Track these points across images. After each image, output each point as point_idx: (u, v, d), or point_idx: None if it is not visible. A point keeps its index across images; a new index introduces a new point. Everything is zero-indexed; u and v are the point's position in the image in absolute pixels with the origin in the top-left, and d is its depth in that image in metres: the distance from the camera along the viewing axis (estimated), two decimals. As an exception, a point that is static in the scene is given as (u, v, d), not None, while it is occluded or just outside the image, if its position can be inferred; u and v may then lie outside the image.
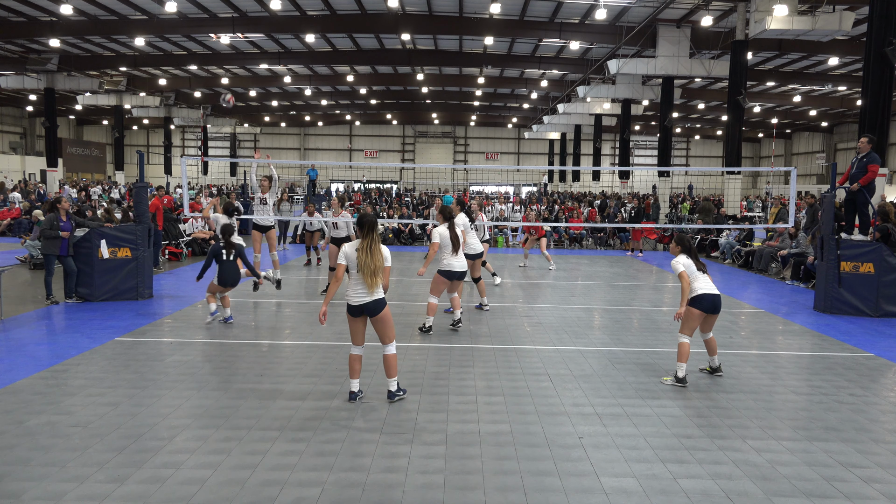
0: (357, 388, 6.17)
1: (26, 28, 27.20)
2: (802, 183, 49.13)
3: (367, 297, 5.93)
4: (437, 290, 9.14)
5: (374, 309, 5.96)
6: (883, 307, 10.76)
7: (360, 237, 6.02)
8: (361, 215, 6.08)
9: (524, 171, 59.19)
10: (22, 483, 4.47)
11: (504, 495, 4.43)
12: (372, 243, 5.93)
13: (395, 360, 6.15)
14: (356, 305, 5.95)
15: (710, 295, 6.84)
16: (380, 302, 5.97)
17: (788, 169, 12.79)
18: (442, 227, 9.16)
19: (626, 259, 18.88)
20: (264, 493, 4.40)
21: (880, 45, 13.56)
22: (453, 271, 9.02)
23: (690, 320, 6.87)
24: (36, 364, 7.20)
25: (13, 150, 49.49)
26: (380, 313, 5.99)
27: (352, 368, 6.14)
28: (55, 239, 10.39)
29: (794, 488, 4.62)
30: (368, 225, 5.97)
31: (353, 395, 6.15)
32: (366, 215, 6.05)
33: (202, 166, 44.80)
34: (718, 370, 7.27)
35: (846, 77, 33.35)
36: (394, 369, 6.15)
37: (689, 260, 6.96)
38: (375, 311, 5.98)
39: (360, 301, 5.94)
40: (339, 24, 26.33)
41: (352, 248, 5.98)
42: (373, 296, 5.94)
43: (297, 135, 62.52)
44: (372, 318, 6.01)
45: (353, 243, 6.03)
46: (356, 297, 5.95)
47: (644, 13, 23.40)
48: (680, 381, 6.89)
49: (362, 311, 5.97)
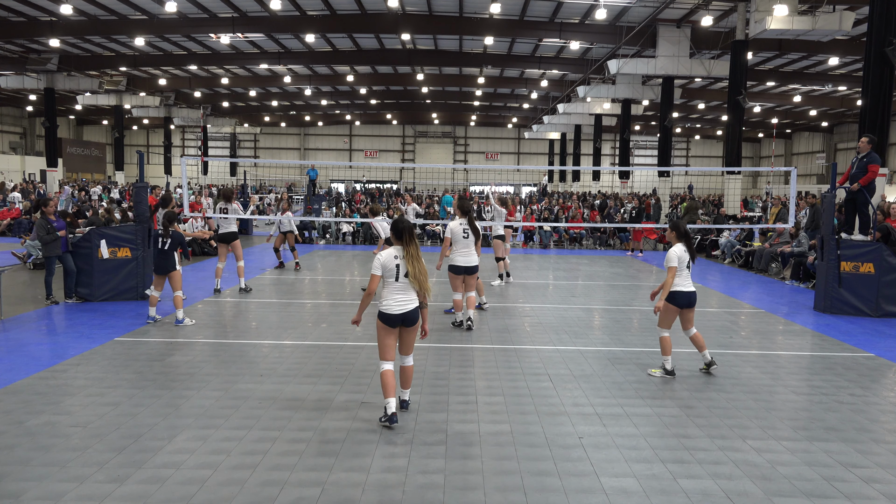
0: (395, 406, 5.56)
1: (26, 28, 27.20)
2: (802, 183, 49.10)
3: (409, 304, 5.60)
4: (454, 286, 9.28)
5: (414, 318, 5.65)
6: (883, 307, 10.76)
7: (398, 244, 5.64)
8: (396, 220, 5.72)
9: (524, 171, 59.19)
10: (22, 483, 4.47)
11: (504, 495, 4.43)
12: (415, 250, 5.61)
13: (413, 371, 5.99)
14: (397, 315, 5.56)
15: (686, 293, 7.04)
16: (417, 310, 5.68)
17: (788, 169, 12.80)
18: (454, 221, 9.28)
19: (626, 259, 18.88)
20: (264, 493, 4.40)
21: (880, 45, 13.56)
22: (457, 266, 9.14)
23: (668, 315, 7.07)
24: (36, 364, 7.20)
25: (13, 150, 49.49)
26: (416, 323, 5.69)
27: (388, 386, 5.57)
28: (55, 241, 10.40)
29: (794, 488, 4.62)
30: (408, 231, 5.63)
31: (395, 418, 5.53)
32: (401, 220, 5.71)
33: (202, 166, 44.80)
34: (712, 364, 7.32)
35: (846, 77, 33.34)
36: (411, 379, 5.99)
37: (683, 251, 7.06)
38: (415, 321, 5.67)
39: (403, 310, 5.57)
40: (339, 24, 26.33)
41: (390, 257, 5.58)
42: (414, 304, 5.65)
43: (297, 135, 62.50)
44: (409, 327, 5.67)
45: (391, 251, 5.62)
46: (397, 307, 5.57)
47: (644, 13, 23.39)
48: (669, 372, 7.10)
49: (403, 320, 5.59)
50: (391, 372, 5.64)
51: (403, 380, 5.96)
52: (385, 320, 5.58)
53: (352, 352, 8.00)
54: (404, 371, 5.93)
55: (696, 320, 10.38)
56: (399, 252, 5.62)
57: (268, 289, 12.44)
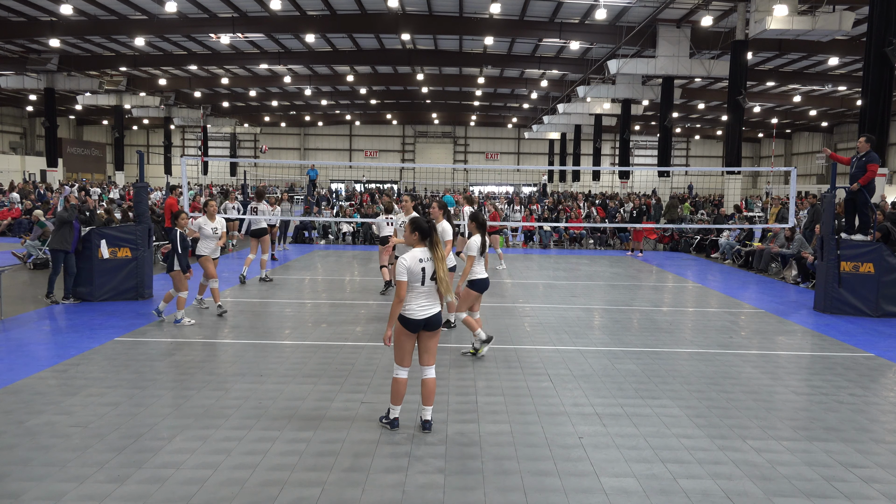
0: (420, 416, 5.52)
1: (26, 28, 27.22)
2: (802, 183, 49.13)
3: (432, 308, 5.36)
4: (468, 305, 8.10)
5: (437, 322, 5.40)
6: (883, 307, 10.76)
7: (422, 245, 5.36)
8: (415, 220, 5.41)
9: (524, 171, 59.19)
10: (22, 483, 4.47)
11: (504, 495, 4.43)
12: (443, 251, 5.36)
13: (435, 386, 5.51)
14: (420, 319, 5.30)
15: (484, 279, 7.93)
16: (440, 315, 5.44)
17: (788, 169, 12.80)
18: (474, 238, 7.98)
19: (626, 259, 18.88)
20: (264, 493, 4.40)
21: (880, 45, 13.57)
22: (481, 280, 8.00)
23: (468, 300, 7.86)
24: (36, 364, 7.20)
25: (13, 150, 49.49)
26: (438, 327, 5.43)
27: (399, 394, 5.42)
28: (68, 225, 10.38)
29: (794, 488, 4.62)
30: (434, 230, 5.37)
31: (397, 423, 5.48)
32: (419, 219, 5.41)
33: (202, 166, 44.80)
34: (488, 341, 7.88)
35: (846, 77, 33.36)
36: (433, 395, 5.49)
37: (481, 242, 7.77)
38: (437, 325, 5.41)
39: (427, 314, 5.32)
40: (339, 24, 26.34)
41: (415, 260, 5.28)
42: (437, 308, 5.41)
43: (297, 135, 62.53)
44: (431, 331, 5.40)
45: (416, 254, 5.31)
46: (421, 311, 5.31)
47: (644, 13, 23.40)
48: (485, 341, 7.81)
49: (426, 324, 5.34)
50: (405, 381, 5.41)
51: (424, 395, 5.46)
52: (407, 325, 5.30)
53: (352, 352, 8.00)
54: (425, 385, 5.45)
55: (696, 320, 10.45)
56: (425, 254, 5.34)
57: (268, 289, 12.44)
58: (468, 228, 8.31)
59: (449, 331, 9.16)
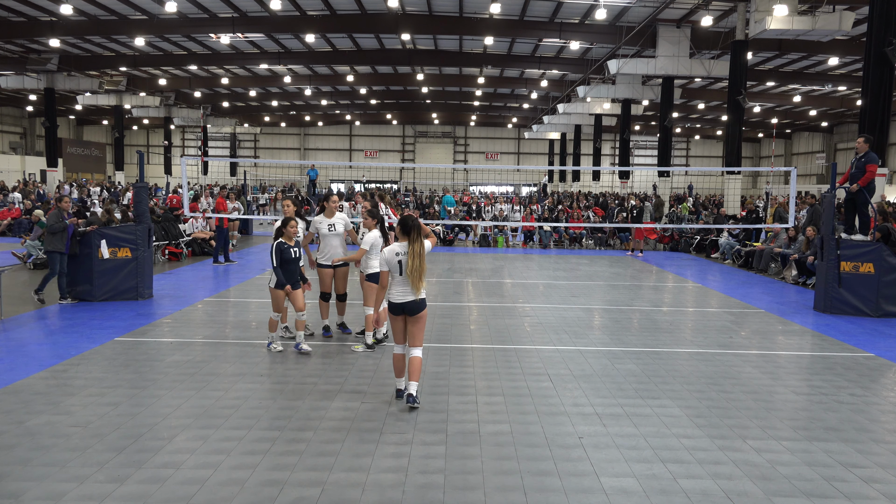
0: (404, 386, 6.18)
1: (26, 28, 27.18)
2: (802, 183, 49.09)
3: (409, 295, 5.98)
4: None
5: (414, 308, 6.00)
6: (883, 307, 10.76)
7: (403, 240, 6.01)
8: (405, 218, 6.04)
9: (524, 171, 59.18)
10: (22, 483, 4.47)
11: (504, 495, 4.43)
12: (420, 247, 5.94)
13: (420, 364, 6.08)
14: (398, 304, 6.00)
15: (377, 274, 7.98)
16: (421, 302, 6.02)
17: (788, 169, 12.80)
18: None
19: (626, 259, 18.88)
20: (264, 493, 4.40)
21: (880, 45, 13.56)
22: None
23: (371, 293, 8.01)
24: (36, 364, 7.20)
25: (13, 150, 49.47)
26: (419, 313, 6.03)
27: (397, 368, 6.22)
28: (62, 232, 10.35)
29: (794, 488, 4.62)
30: (416, 229, 5.96)
31: (401, 394, 6.19)
32: (409, 218, 6.03)
33: (202, 166, 44.78)
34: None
35: (846, 77, 33.34)
36: (418, 373, 6.06)
37: (378, 237, 7.91)
38: (416, 311, 6.01)
39: (403, 300, 5.99)
40: (339, 24, 26.32)
41: (392, 253, 5.99)
42: (416, 295, 5.99)
43: (297, 135, 62.48)
44: (411, 316, 6.03)
45: (395, 248, 6.01)
46: (398, 296, 6.00)
47: (644, 13, 23.39)
48: (380, 340, 8.20)
49: (403, 309, 6.01)
50: (400, 356, 6.17)
51: (410, 372, 6.08)
52: (390, 308, 6.09)
53: (352, 352, 8.00)
54: (411, 362, 6.08)
55: (696, 320, 10.45)
56: (403, 248, 5.99)
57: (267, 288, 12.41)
58: (363, 225, 8.40)
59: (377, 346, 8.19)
